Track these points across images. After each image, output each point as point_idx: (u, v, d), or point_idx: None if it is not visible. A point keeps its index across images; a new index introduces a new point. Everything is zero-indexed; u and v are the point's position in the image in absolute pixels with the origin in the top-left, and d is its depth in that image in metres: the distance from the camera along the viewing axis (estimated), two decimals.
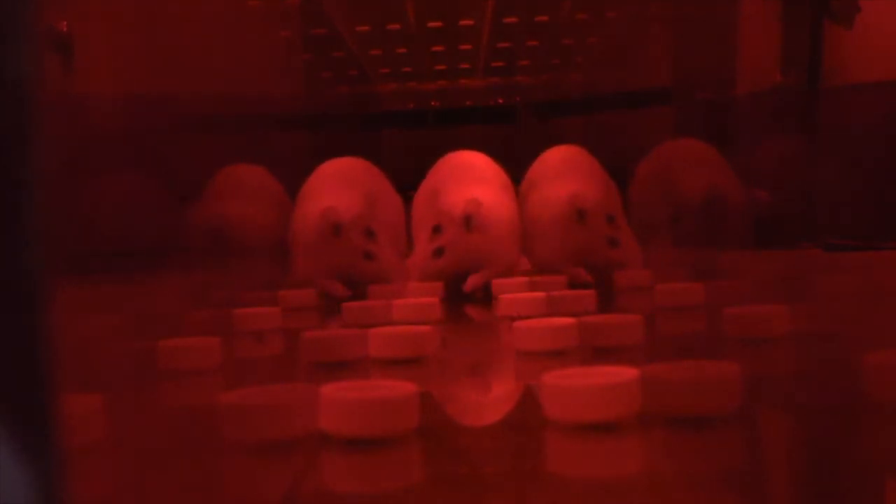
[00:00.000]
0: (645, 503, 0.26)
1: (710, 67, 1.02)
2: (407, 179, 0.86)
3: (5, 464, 0.12)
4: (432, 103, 1.41)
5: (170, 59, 0.70)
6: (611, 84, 1.32)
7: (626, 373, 0.32)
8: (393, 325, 0.54)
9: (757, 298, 0.51)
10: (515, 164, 0.84)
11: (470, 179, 0.77)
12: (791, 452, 0.32)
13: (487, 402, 0.42)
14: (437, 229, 0.73)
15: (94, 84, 0.57)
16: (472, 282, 0.73)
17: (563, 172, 0.80)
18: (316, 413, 0.32)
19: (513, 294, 0.63)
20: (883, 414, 0.33)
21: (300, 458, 0.31)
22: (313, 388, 0.33)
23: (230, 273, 0.79)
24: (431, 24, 1.12)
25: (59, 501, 0.13)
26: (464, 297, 0.73)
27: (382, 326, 0.51)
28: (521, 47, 1.24)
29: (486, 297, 0.72)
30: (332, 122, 1.33)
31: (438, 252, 0.73)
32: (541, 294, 0.61)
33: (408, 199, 0.83)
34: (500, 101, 1.41)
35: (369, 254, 0.72)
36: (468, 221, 0.72)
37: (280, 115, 1.07)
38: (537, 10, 1.10)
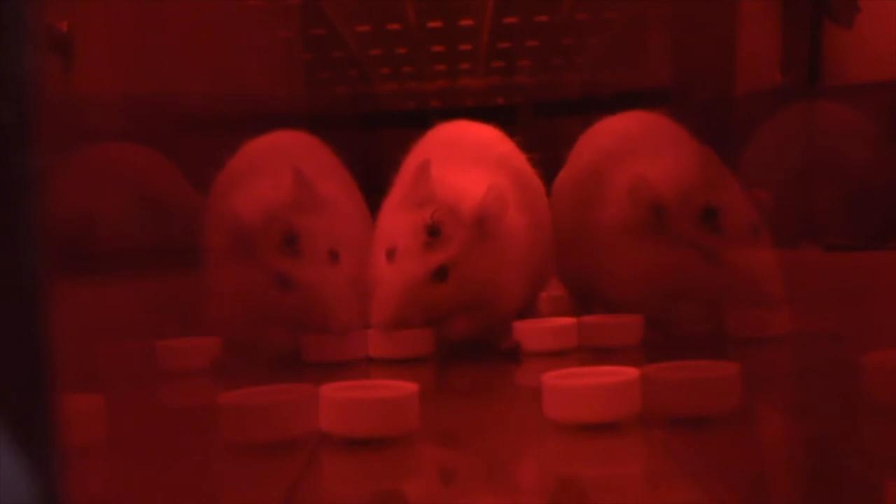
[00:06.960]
0: (645, 503, 0.26)
1: (709, 67, 1.02)
2: None
3: (5, 463, 0.12)
4: (432, 103, 1.41)
5: (170, 59, 0.70)
6: (611, 84, 1.32)
7: (626, 373, 0.32)
8: None
9: None
10: None
11: (469, 159, 0.51)
12: (791, 452, 0.32)
13: (487, 402, 0.42)
14: (432, 231, 0.45)
15: (94, 84, 0.57)
16: (458, 329, 0.48)
17: (630, 151, 0.52)
18: (316, 413, 0.32)
19: None
20: (883, 414, 0.33)
21: (300, 458, 0.31)
22: (313, 388, 0.33)
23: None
24: (431, 24, 1.12)
25: (59, 501, 0.13)
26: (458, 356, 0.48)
27: None
28: (521, 47, 1.23)
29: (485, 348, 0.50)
30: (332, 122, 1.33)
31: (441, 273, 0.46)
32: (542, 294, 0.61)
33: None
34: (500, 101, 1.41)
35: (286, 278, 0.48)
36: (482, 222, 0.46)
37: (280, 115, 1.07)
38: (537, 10, 1.10)
